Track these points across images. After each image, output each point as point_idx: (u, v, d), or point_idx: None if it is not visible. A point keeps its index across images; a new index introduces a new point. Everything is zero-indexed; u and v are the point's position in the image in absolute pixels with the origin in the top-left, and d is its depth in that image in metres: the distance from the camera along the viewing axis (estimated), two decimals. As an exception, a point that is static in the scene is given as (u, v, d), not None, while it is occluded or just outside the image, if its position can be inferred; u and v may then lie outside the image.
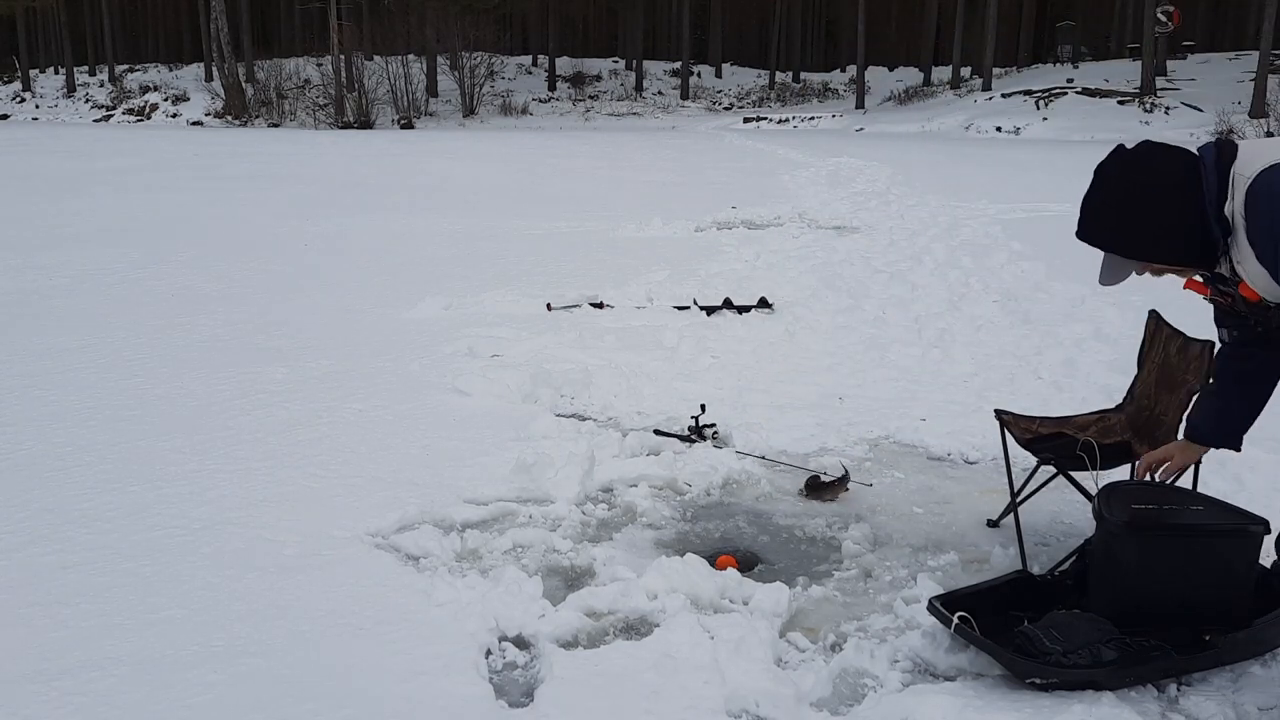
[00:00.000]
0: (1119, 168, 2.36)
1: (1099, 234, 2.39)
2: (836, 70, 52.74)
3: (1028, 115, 31.71)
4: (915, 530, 3.64)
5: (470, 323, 6.59)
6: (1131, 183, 2.34)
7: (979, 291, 7.66)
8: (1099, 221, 2.38)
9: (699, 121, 41.36)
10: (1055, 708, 2.49)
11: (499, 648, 2.81)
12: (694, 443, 4.40)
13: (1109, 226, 2.37)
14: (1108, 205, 2.36)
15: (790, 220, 11.90)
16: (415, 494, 3.77)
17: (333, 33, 37.61)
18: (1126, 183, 2.35)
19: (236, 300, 7.34)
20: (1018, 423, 3.61)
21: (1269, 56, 27.73)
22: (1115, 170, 2.37)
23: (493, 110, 42.51)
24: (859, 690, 2.67)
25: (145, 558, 3.23)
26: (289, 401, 4.92)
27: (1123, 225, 2.35)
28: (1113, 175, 2.37)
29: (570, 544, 3.45)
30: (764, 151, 24.10)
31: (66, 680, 2.57)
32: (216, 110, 40.37)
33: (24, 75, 48.95)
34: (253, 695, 2.52)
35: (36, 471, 3.98)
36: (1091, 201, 2.40)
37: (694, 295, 7.26)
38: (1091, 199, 2.40)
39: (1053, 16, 46.38)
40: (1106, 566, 2.76)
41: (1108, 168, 2.38)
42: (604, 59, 53.32)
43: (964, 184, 15.65)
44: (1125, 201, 2.34)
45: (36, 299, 7.28)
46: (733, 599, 3.05)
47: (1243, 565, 2.72)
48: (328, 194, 14.61)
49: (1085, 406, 4.57)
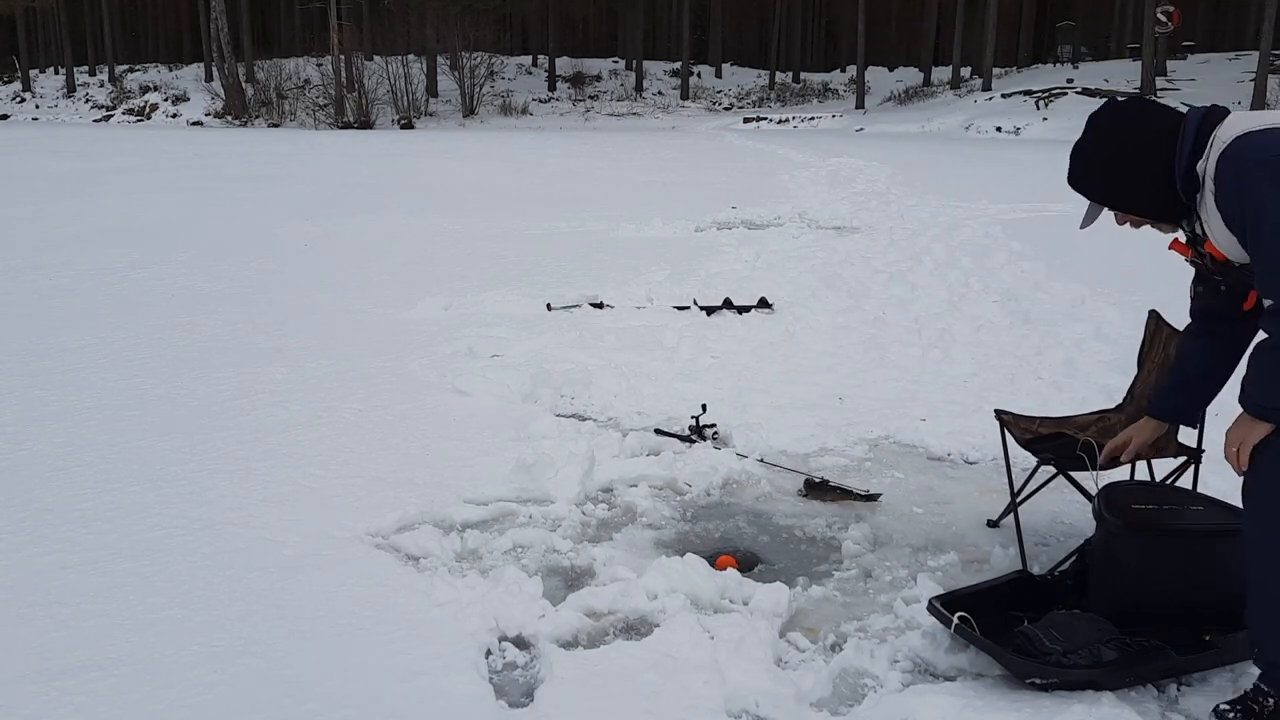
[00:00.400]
0: (1104, 118, 2.51)
1: (1078, 179, 2.54)
2: (836, 70, 52.77)
3: (1028, 115, 31.72)
4: (915, 530, 3.64)
5: (470, 323, 6.59)
6: (1108, 134, 2.48)
7: (979, 291, 7.67)
8: (1077, 168, 2.53)
9: (699, 122, 41.38)
10: (1055, 708, 2.49)
11: (499, 648, 2.81)
12: (694, 443, 4.40)
13: (1083, 174, 2.52)
14: (1084, 153, 2.51)
15: (790, 220, 11.90)
16: (415, 494, 3.77)
17: (333, 33, 37.63)
18: (1104, 134, 2.49)
19: (236, 300, 7.34)
20: (1018, 423, 3.61)
21: (1269, 56, 27.76)
22: (1099, 121, 2.51)
23: (493, 110, 42.53)
24: (859, 690, 2.67)
25: (145, 558, 3.23)
26: (289, 401, 4.92)
27: (1094, 173, 2.50)
28: (1095, 126, 2.52)
29: (570, 544, 3.45)
30: (764, 151, 24.11)
31: (66, 680, 2.57)
32: (216, 110, 40.39)
33: (24, 75, 48.98)
34: (253, 695, 2.52)
35: (36, 471, 3.98)
36: (1076, 149, 2.54)
37: (694, 295, 7.26)
38: (1077, 147, 2.54)
39: (1053, 16, 46.40)
40: (1107, 567, 2.76)
41: (1096, 118, 2.53)
42: (604, 59, 53.34)
43: (964, 184, 15.66)
44: (1099, 151, 2.48)
45: (36, 299, 7.29)
46: (733, 599, 3.05)
47: (1242, 565, 2.72)
48: (328, 194, 14.61)
49: (1085, 406, 4.57)
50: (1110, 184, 2.48)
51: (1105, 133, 2.48)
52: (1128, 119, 2.46)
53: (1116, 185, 2.47)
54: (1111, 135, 2.47)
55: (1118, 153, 2.45)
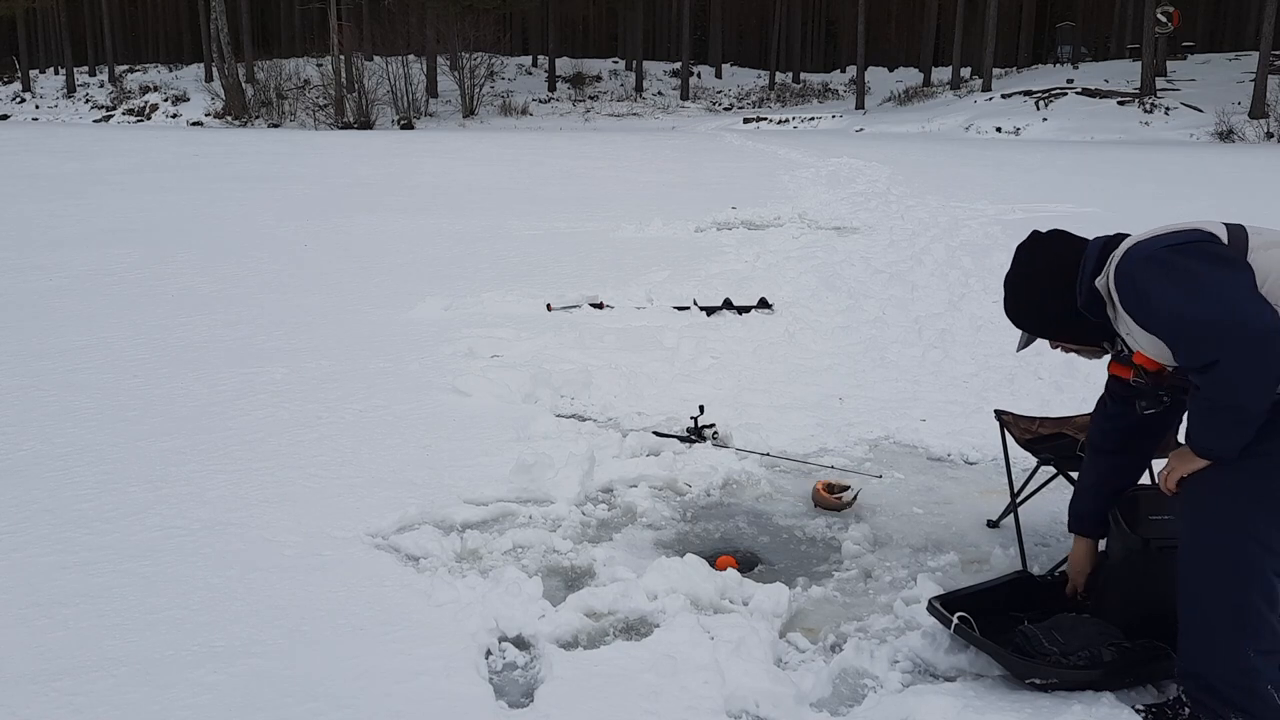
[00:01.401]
0: (1021, 253, 2.69)
1: (1009, 310, 2.74)
2: (836, 71, 52.81)
3: (1028, 116, 31.74)
4: (915, 530, 3.64)
5: (470, 323, 6.59)
6: (1024, 267, 2.67)
7: (979, 291, 7.67)
8: (1008, 299, 2.72)
9: (699, 122, 41.38)
10: (1055, 708, 2.49)
11: (499, 648, 2.81)
12: (694, 443, 4.40)
13: (1010, 305, 2.72)
14: (1010, 286, 2.70)
15: (790, 221, 11.90)
16: (415, 494, 3.77)
17: (333, 33, 37.62)
18: (1020, 267, 2.68)
19: (236, 300, 7.34)
20: (1018, 423, 3.61)
21: (1269, 56, 27.76)
22: (1018, 255, 2.70)
23: (493, 111, 42.52)
24: (859, 691, 2.67)
25: (145, 558, 3.23)
26: (289, 401, 4.92)
27: (1018, 304, 2.69)
28: (1015, 260, 2.70)
29: (570, 544, 3.45)
30: (764, 152, 24.11)
31: (66, 680, 2.57)
32: (216, 111, 40.38)
33: (24, 75, 48.97)
34: (253, 695, 2.52)
35: (36, 471, 3.98)
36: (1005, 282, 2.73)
37: (694, 296, 7.27)
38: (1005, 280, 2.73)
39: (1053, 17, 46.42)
40: (1127, 581, 2.74)
41: (1017, 252, 2.71)
42: (604, 59, 53.35)
43: (964, 184, 15.67)
44: (1018, 284, 2.68)
45: (36, 299, 7.29)
46: (733, 599, 3.05)
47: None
48: (328, 194, 14.62)
49: (1085, 406, 4.55)
50: (1029, 313, 2.68)
51: (1021, 266, 2.67)
52: (1036, 252, 2.65)
53: (1033, 313, 2.67)
54: (1024, 267, 2.66)
55: (1028, 283, 2.65)
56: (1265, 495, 2.29)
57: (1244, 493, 2.29)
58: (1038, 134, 30.08)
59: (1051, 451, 3.35)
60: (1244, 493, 2.29)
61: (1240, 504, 2.30)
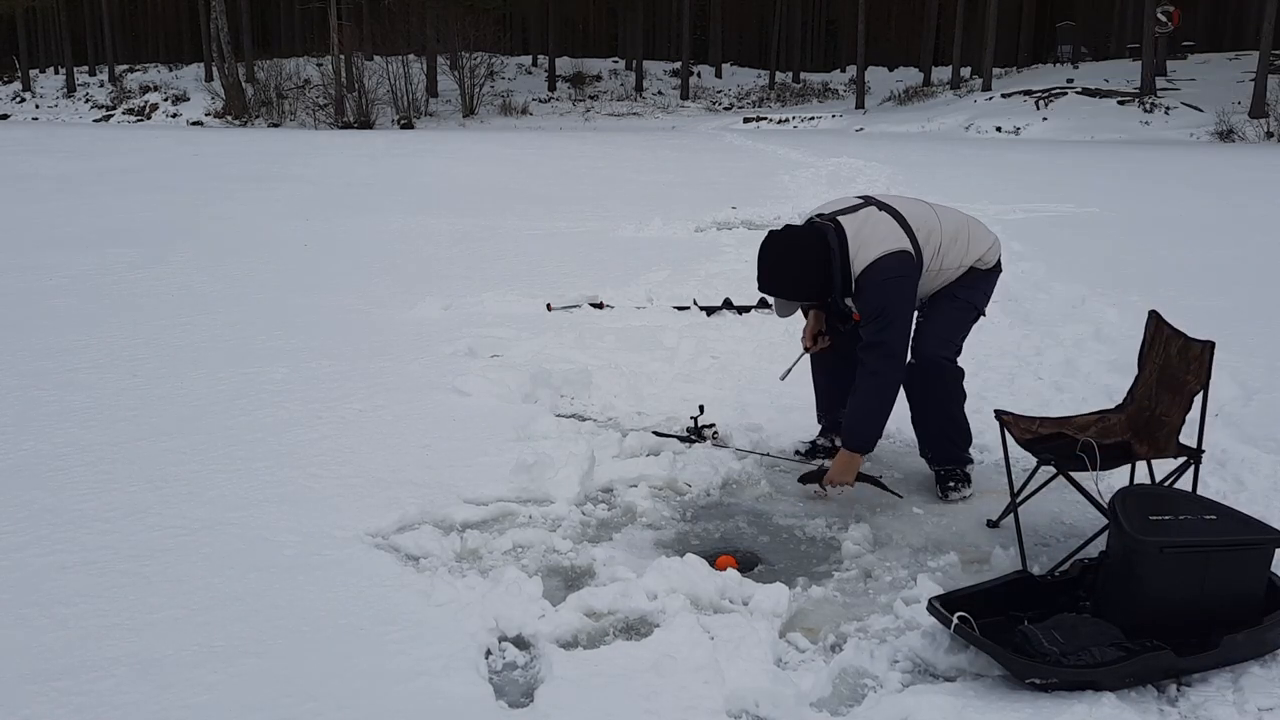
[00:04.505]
0: (778, 246, 3.69)
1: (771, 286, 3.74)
2: (836, 70, 52.80)
3: (1028, 115, 31.73)
4: (915, 530, 3.64)
5: (470, 323, 6.59)
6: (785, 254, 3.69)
7: (979, 292, 7.64)
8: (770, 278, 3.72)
9: (699, 121, 41.37)
10: (1055, 708, 2.49)
11: (499, 648, 2.81)
12: (694, 443, 4.40)
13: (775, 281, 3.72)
14: (776, 268, 3.70)
15: (791, 220, 11.88)
16: (415, 494, 3.77)
17: (333, 33, 37.60)
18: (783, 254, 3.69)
19: (236, 300, 7.34)
20: (1018, 423, 3.61)
21: (1269, 56, 27.75)
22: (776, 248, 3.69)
23: (493, 110, 42.52)
24: (859, 690, 2.67)
25: (145, 558, 3.23)
26: (289, 401, 4.91)
27: (783, 280, 3.71)
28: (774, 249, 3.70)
29: (570, 544, 3.45)
30: (764, 151, 24.11)
31: (66, 680, 2.56)
32: (216, 110, 40.37)
33: (24, 75, 48.97)
34: (253, 695, 2.52)
35: (36, 471, 3.98)
36: (763, 264, 3.72)
37: (694, 295, 7.27)
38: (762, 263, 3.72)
39: (1053, 17, 46.37)
40: (1127, 580, 2.74)
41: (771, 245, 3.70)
42: (604, 59, 53.36)
43: (964, 184, 15.66)
44: (780, 265, 3.69)
45: (36, 299, 7.28)
46: (733, 599, 3.05)
47: (1257, 575, 2.74)
48: (327, 194, 14.61)
49: (1085, 406, 4.57)
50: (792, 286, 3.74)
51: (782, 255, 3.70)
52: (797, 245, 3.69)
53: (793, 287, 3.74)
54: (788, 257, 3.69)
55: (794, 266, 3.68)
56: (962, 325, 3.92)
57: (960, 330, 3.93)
58: (1038, 134, 30.07)
59: (1051, 452, 3.35)
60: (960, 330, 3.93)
61: None
